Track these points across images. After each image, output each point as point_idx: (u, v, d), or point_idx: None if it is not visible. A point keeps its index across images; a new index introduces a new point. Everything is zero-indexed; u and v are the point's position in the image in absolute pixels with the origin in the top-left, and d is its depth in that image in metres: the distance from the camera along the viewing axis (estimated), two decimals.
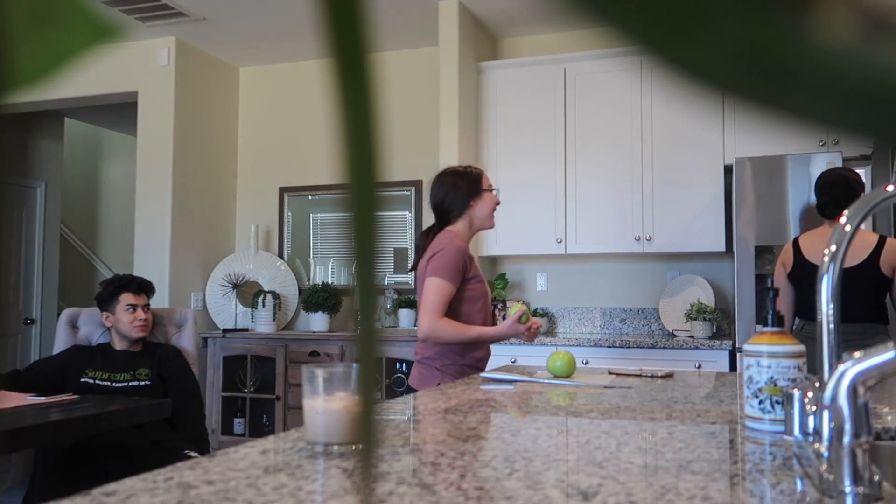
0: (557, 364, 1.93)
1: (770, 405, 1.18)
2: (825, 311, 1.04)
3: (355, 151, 0.18)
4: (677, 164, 4.10)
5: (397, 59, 4.98)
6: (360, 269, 0.19)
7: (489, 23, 4.60)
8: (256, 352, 4.74)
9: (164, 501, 0.76)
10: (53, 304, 6.18)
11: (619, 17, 0.16)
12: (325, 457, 0.98)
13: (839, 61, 0.15)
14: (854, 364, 0.79)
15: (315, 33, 4.43)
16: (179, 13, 4.46)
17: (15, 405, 2.56)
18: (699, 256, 4.34)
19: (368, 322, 0.19)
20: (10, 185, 5.66)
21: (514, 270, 4.66)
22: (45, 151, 6.14)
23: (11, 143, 5.20)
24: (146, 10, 4.42)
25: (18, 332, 5.91)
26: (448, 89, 4.22)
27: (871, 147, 3.67)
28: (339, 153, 0.18)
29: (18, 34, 0.22)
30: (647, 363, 3.66)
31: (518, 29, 4.70)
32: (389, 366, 4.41)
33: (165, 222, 4.81)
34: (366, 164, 0.18)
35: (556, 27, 4.64)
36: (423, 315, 2.30)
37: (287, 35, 4.83)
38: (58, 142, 6.31)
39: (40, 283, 6.06)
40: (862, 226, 1.03)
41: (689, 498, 0.78)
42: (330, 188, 5.24)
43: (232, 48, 5.08)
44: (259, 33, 4.80)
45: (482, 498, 0.78)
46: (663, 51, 0.16)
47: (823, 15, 0.15)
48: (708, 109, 3.90)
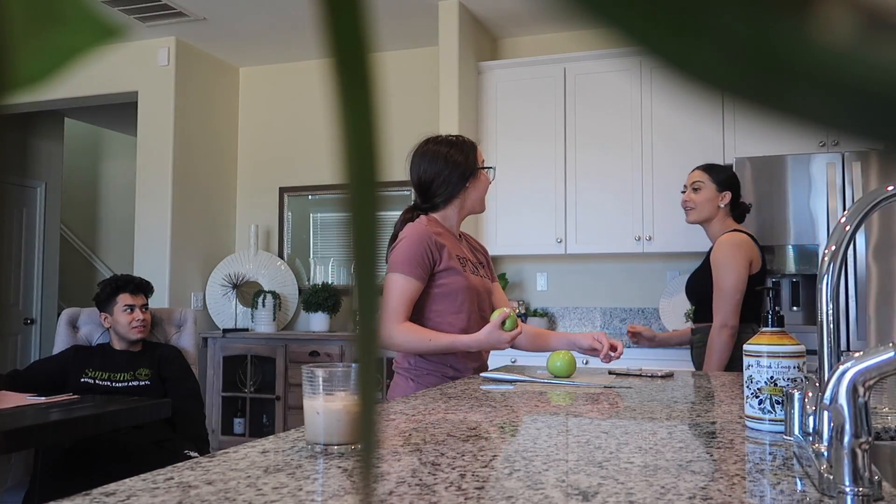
0: (557, 364, 1.93)
1: (770, 405, 1.18)
2: (825, 311, 1.04)
3: (355, 151, 0.18)
4: (677, 164, 4.10)
5: (397, 59, 4.98)
6: (360, 269, 0.19)
7: (489, 23, 4.60)
8: (256, 352, 4.74)
9: (164, 501, 0.76)
10: (53, 304, 6.18)
11: (619, 17, 0.16)
12: (325, 457, 0.98)
13: (839, 61, 0.15)
14: (854, 364, 0.79)
15: (315, 33, 4.43)
16: (179, 13, 4.46)
17: (15, 405, 2.56)
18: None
19: (368, 322, 0.19)
20: (10, 185, 5.66)
21: (514, 270, 4.66)
22: (45, 151, 6.15)
23: (11, 143, 5.19)
24: (146, 10, 4.42)
25: (18, 332, 5.92)
26: (448, 89, 4.22)
27: (870, 148, 3.67)
28: (338, 153, 0.18)
29: (19, 34, 0.22)
30: (647, 363, 3.66)
31: (518, 29, 4.70)
32: (390, 366, 4.41)
33: (165, 222, 4.81)
34: (366, 164, 0.18)
35: (556, 27, 4.64)
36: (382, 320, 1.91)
37: (287, 35, 4.83)
38: (58, 142, 6.31)
39: (40, 283, 6.06)
40: (862, 226, 1.03)
41: (689, 498, 0.78)
42: (330, 188, 5.24)
43: (232, 48, 5.08)
44: (259, 33, 4.80)
45: (482, 498, 0.78)
46: (663, 51, 0.16)
47: (823, 15, 0.15)
48: (708, 109, 3.90)
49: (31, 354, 5.92)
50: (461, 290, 1.97)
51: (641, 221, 4.14)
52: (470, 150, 2.07)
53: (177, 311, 3.53)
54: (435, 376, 1.95)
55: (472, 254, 2.15)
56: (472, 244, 2.23)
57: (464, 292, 1.97)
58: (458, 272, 1.97)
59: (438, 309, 1.96)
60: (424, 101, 4.85)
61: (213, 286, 5.10)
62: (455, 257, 2.00)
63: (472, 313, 2.00)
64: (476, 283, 2.03)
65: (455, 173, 2.04)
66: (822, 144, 3.84)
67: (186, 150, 4.95)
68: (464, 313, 1.97)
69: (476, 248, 2.23)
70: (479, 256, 2.19)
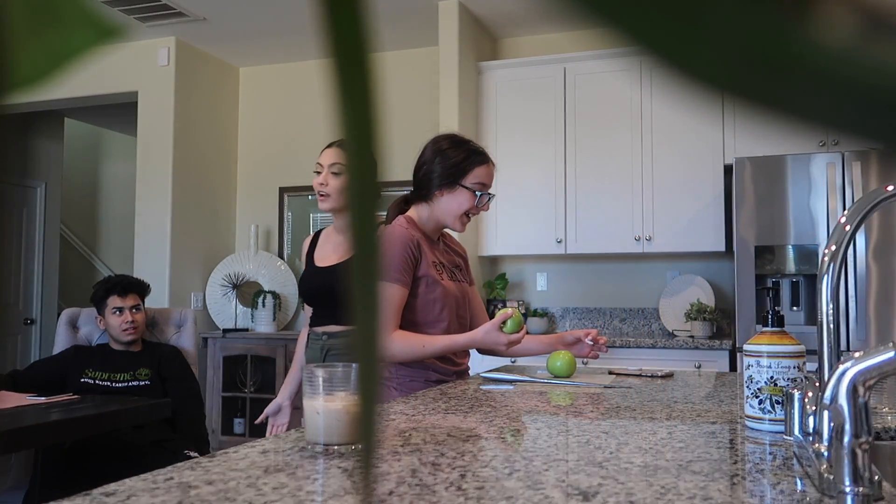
0: (557, 364, 1.93)
1: (770, 405, 1.18)
2: (825, 311, 1.03)
3: (355, 151, 0.18)
4: (677, 164, 4.10)
5: (397, 59, 4.98)
6: (360, 268, 0.19)
7: (489, 23, 4.60)
8: (256, 352, 4.74)
9: (164, 501, 0.76)
10: (53, 304, 6.18)
11: (618, 17, 0.16)
12: (325, 457, 0.98)
13: (839, 61, 0.15)
14: (854, 364, 0.79)
15: (315, 33, 4.43)
16: (179, 13, 4.46)
17: (15, 405, 2.56)
18: (699, 256, 4.34)
19: (368, 322, 0.19)
20: (10, 185, 5.66)
21: (514, 270, 4.66)
22: (45, 151, 6.15)
23: (11, 143, 5.20)
24: (146, 10, 4.42)
25: (18, 332, 5.91)
26: (448, 89, 4.22)
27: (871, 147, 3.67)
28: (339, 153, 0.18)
29: (19, 34, 0.22)
30: (647, 363, 3.66)
31: (518, 29, 4.70)
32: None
33: (165, 222, 4.81)
34: (366, 164, 0.18)
35: (556, 27, 4.64)
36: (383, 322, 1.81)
37: (287, 35, 4.83)
38: (58, 142, 6.31)
39: (40, 283, 6.06)
40: (859, 224, 1.03)
41: (689, 498, 0.78)
42: None
43: (232, 48, 5.08)
44: (259, 33, 4.80)
45: (482, 498, 0.78)
46: (662, 51, 0.16)
47: (823, 15, 0.15)
48: (708, 109, 3.90)
49: (31, 354, 5.92)
50: (439, 299, 1.89)
51: (641, 221, 4.14)
52: (468, 162, 1.93)
53: (177, 312, 3.53)
54: (418, 382, 1.89)
55: (448, 256, 2.07)
56: (451, 245, 2.14)
57: (441, 301, 1.90)
58: (436, 280, 1.90)
59: (416, 319, 1.89)
60: (424, 101, 4.85)
61: (213, 286, 5.10)
62: (432, 264, 1.92)
63: (454, 321, 1.93)
64: (453, 289, 1.95)
65: (436, 171, 1.93)
66: (822, 144, 3.84)
67: (186, 151, 4.95)
68: (444, 322, 1.90)
69: (454, 249, 2.14)
70: (456, 259, 2.10)
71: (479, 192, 1.94)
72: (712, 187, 4.04)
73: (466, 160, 1.94)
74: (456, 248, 2.15)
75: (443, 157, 1.93)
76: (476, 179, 1.93)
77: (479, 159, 1.96)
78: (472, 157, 1.95)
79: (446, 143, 1.97)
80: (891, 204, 0.96)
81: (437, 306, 1.89)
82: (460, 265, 2.11)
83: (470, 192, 1.93)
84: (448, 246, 2.12)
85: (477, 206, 1.95)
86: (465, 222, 1.97)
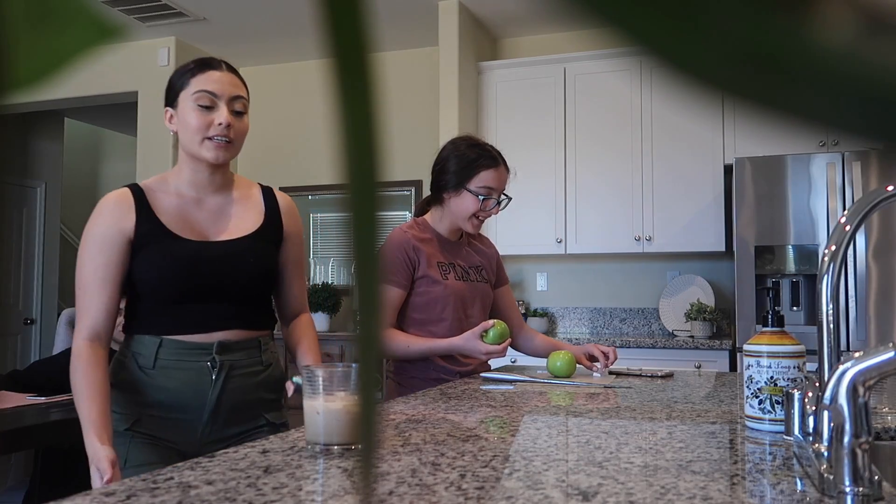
0: (557, 364, 1.93)
1: (770, 405, 1.18)
2: (825, 311, 1.04)
3: (355, 151, 0.18)
4: (677, 164, 4.10)
5: (397, 59, 4.98)
6: (361, 269, 0.19)
7: (489, 23, 4.60)
8: None
9: (164, 501, 0.76)
10: (53, 304, 6.18)
11: (618, 16, 0.16)
12: (325, 457, 0.98)
13: (839, 61, 0.15)
14: (854, 364, 0.79)
15: (315, 33, 4.43)
16: (179, 13, 4.46)
17: (15, 405, 2.56)
18: (699, 256, 4.34)
19: (369, 322, 0.19)
20: (10, 185, 5.65)
21: (514, 270, 4.66)
22: (45, 151, 6.14)
23: (11, 143, 5.20)
24: (146, 10, 4.42)
25: (18, 332, 5.91)
26: (448, 89, 4.22)
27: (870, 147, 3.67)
28: (339, 153, 0.18)
29: (18, 34, 0.22)
30: (647, 363, 3.66)
31: (518, 29, 4.70)
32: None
33: None
34: (366, 164, 0.18)
35: (556, 27, 4.64)
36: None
37: (287, 35, 4.83)
38: (58, 142, 6.31)
39: (40, 283, 6.06)
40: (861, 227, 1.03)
41: (689, 498, 0.78)
42: (330, 188, 5.24)
43: (232, 48, 5.08)
44: (259, 33, 4.80)
45: (482, 498, 0.78)
46: (662, 51, 0.16)
47: (823, 14, 0.15)
48: (708, 109, 3.90)
49: (31, 354, 5.92)
50: (440, 299, 1.93)
51: (641, 221, 4.14)
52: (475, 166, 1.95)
53: None
54: (419, 379, 1.94)
55: (469, 256, 2.08)
56: (479, 245, 2.16)
57: (443, 301, 1.93)
58: (436, 280, 1.93)
59: (419, 318, 1.95)
60: (424, 101, 4.85)
61: None
62: (435, 264, 1.95)
63: (456, 321, 1.95)
64: (458, 288, 1.97)
65: (446, 173, 1.97)
66: (822, 144, 3.84)
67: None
68: (446, 321, 1.94)
69: (481, 249, 2.16)
70: (478, 259, 2.11)
71: (483, 196, 1.95)
72: (712, 187, 4.04)
73: (474, 163, 1.96)
74: (485, 249, 2.18)
75: (454, 159, 1.97)
76: (482, 183, 1.95)
77: (486, 163, 1.97)
78: (480, 160, 1.96)
79: (462, 145, 2.00)
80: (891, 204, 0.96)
81: (438, 305, 1.94)
82: (482, 265, 2.11)
83: (473, 196, 1.95)
84: (475, 246, 2.14)
85: (482, 209, 1.97)
86: (475, 224, 2.00)
